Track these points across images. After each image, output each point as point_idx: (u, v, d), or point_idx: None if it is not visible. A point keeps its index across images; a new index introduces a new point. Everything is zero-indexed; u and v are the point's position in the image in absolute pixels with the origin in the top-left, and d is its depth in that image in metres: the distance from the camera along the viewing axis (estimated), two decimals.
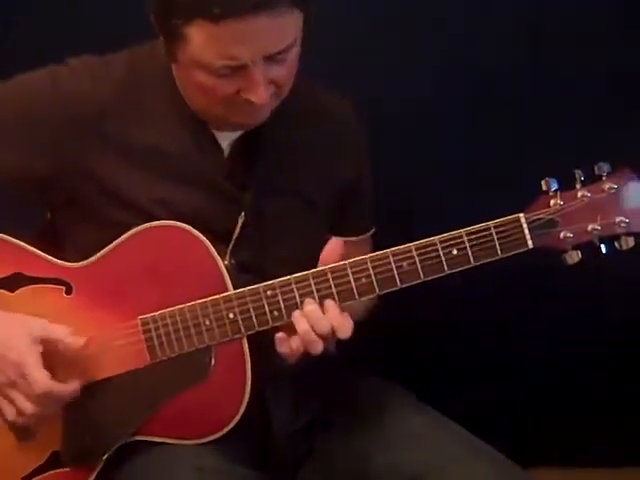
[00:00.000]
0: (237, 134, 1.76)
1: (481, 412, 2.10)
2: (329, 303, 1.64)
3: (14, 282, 1.70)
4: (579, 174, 1.64)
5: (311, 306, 1.64)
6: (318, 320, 1.63)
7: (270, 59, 1.60)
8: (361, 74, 2.08)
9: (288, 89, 1.68)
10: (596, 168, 1.63)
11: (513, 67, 2.09)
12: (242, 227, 1.72)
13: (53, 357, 1.66)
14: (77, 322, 1.68)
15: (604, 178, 1.63)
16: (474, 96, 2.10)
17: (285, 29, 1.59)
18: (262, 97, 1.61)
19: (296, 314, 1.64)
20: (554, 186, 1.63)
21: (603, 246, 1.63)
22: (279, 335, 1.65)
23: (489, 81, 2.10)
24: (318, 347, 1.64)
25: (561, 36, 2.07)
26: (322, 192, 1.82)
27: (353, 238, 1.90)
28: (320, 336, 1.63)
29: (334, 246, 1.67)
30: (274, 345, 1.68)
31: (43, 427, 1.68)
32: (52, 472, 1.69)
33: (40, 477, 1.69)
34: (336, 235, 1.83)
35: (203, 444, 1.68)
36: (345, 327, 1.64)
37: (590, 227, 1.63)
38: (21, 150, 1.70)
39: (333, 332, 1.64)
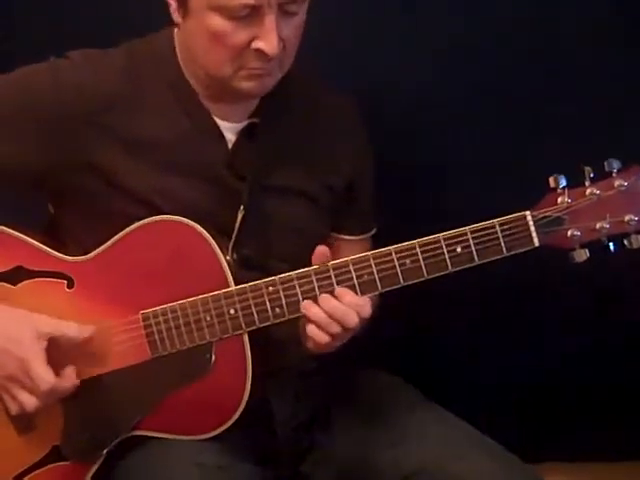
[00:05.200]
0: (241, 125, 1.74)
1: (485, 408, 2.09)
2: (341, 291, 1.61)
3: (16, 275, 1.70)
4: (588, 170, 1.60)
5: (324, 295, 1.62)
6: (334, 308, 1.60)
7: (283, 10, 1.60)
8: (361, 74, 2.06)
9: (291, 60, 1.68)
10: (606, 164, 1.59)
11: (514, 65, 2.06)
12: (242, 221, 1.71)
13: (55, 352, 1.65)
14: (78, 316, 1.67)
15: (614, 175, 1.59)
16: (475, 95, 2.08)
17: None
18: (273, 45, 1.60)
19: (305, 303, 1.62)
20: (562, 183, 1.60)
21: (611, 244, 1.60)
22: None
23: (489, 79, 2.08)
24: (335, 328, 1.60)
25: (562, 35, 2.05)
26: (323, 187, 1.80)
27: (353, 237, 1.88)
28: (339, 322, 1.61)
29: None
30: (275, 340, 1.67)
31: (44, 421, 1.68)
32: (52, 465, 1.69)
33: (40, 470, 1.69)
34: (336, 233, 1.82)
35: (204, 440, 1.67)
36: (366, 306, 1.61)
37: (598, 225, 1.60)
38: (22, 143, 1.69)
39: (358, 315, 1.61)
